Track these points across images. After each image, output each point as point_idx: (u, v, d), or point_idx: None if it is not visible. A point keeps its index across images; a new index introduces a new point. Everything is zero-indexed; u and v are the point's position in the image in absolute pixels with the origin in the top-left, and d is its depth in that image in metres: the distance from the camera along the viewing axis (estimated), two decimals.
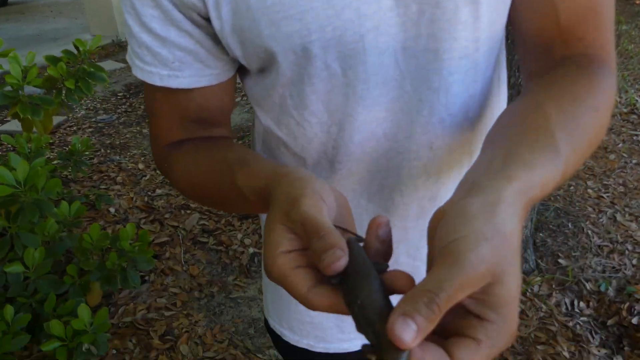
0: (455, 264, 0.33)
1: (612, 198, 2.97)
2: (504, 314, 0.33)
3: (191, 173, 0.61)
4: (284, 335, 0.86)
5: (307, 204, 0.39)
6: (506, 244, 0.34)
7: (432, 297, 0.32)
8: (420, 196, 0.65)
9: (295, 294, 0.39)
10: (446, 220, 0.37)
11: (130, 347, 1.93)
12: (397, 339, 0.31)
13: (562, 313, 2.13)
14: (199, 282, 2.26)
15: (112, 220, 2.60)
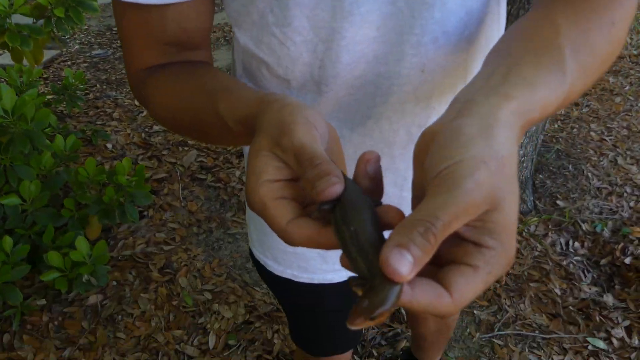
0: (451, 191, 0.31)
1: (614, 141, 2.94)
2: (503, 240, 0.32)
3: (170, 101, 0.56)
4: (268, 265, 0.86)
5: (301, 131, 0.37)
6: (504, 168, 0.32)
7: (427, 227, 0.30)
8: (409, 122, 0.63)
9: (274, 226, 0.36)
10: (438, 144, 0.34)
11: (130, 279, 1.97)
12: (392, 271, 0.29)
13: (556, 252, 2.16)
14: (197, 217, 2.28)
15: (109, 156, 2.59)
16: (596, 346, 1.78)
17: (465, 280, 0.31)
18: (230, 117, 0.46)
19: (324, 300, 0.89)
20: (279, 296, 0.99)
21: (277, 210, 0.36)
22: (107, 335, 1.77)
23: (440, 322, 1.37)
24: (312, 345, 1.07)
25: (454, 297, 0.31)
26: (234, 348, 1.76)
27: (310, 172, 0.35)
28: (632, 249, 2.11)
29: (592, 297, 1.95)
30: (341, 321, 0.99)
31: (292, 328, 1.06)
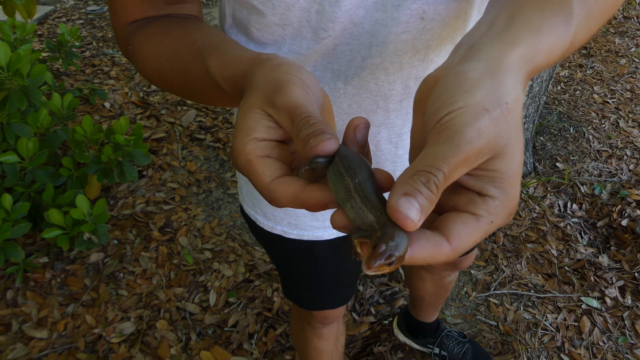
0: (453, 139, 0.30)
1: (617, 104, 2.91)
2: (506, 189, 0.31)
3: (158, 58, 0.54)
4: (258, 221, 0.86)
5: (297, 91, 0.36)
6: (508, 115, 0.31)
7: (429, 178, 0.29)
8: (406, 75, 0.61)
9: (258, 184, 0.35)
10: (440, 89, 0.33)
11: (131, 238, 1.99)
12: (403, 218, 0.29)
13: (554, 214, 2.17)
14: (196, 177, 2.28)
15: (107, 116, 2.56)
16: (590, 305, 1.82)
17: (466, 228, 0.31)
18: (221, 75, 0.44)
19: (314, 256, 0.90)
20: (270, 252, 0.99)
21: (262, 167, 0.35)
22: (110, 292, 1.80)
23: (438, 284, 1.39)
24: (303, 300, 1.09)
25: (452, 245, 0.31)
26: (234, 305, 1.79)
27: (305, 130, 0.34)
28: (630, 211, 2.13)
29: (588, 258, 1.98)
30: (332, 277, 0.99)
31: (284, 283, 1.07)
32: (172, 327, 1.72)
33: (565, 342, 1.71)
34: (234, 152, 0.36)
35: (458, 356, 1.59)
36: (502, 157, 0.31)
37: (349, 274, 1.01)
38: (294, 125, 0.34)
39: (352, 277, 1.04)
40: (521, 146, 0.32)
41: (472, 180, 0.32)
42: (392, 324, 1.73)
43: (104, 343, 1.65)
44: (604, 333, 1.74)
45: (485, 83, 0.32)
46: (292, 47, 0.58)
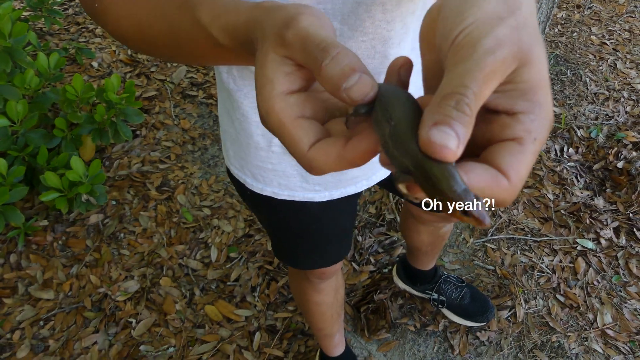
0: (473, 55, 0.27)
1: (615, 45, 2.86)
2: (539, 99, 0.28)
3: (135, 14, 0.47)
4: (247, 183, 0.83)
5: (307, 19, 0.32)
6: (525, 21, 0.29)
7: (459, 99, 0.27)
8: (404, 10, 0.58)
9: (296, 152, 0.32)
10: (446, 12, 0.30)
11: (129, 198, 1.99)
12: (440, 149, 0.26)
13: (550, 159, 2.18)
14: (191, 135, 2.26)
15: (96, 75, 2.51)
16: (585, 246, 1.85)
17: (515, 157, 0.28)
18: (216, 25, 0.39)
19: (305, 217, 0.88)
20: (260, 214, 0.96)
21: (299, 132, 0.31)
22: (112, 252, 1.82)
23: (433, 234, 1.39)
24: (296, 260, 1.08)
25: (511, 179, 0.28)
26: (236, 260, 1.82)
27: (330, 65, 0.29)
28: (626, 153, 2.13)
29: (584, 201, 2.00)
30: (324, 236, 0.98)
31: (275, 245, 1.06)
32: (175, 284, 1.75)
33: (561, 283, 1.75)
34: (262, 111, 0.32)
35: (456, 300, 1.63)
36: (529, 65, 0.28)
37: (342, 231, 1.00)
38: (312, 59, 0.30)
39: (346, 235, 1.04)
40: (544, 52, 0.30)
41: (502, 99, 0.29)
42: (392, 272, 1.76)
43: (110, 301, 1.68)
44: (599, 273, 1.78)
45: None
46: None
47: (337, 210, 0.90)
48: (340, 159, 0.31)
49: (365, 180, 0.86)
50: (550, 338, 1.62)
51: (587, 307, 1.69)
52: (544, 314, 1.68)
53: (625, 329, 1.63)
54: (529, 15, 0.29)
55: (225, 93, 0.75)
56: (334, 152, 0.31)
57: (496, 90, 0.29)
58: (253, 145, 0.76)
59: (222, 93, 0.77)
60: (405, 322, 1.67)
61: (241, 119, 0.74)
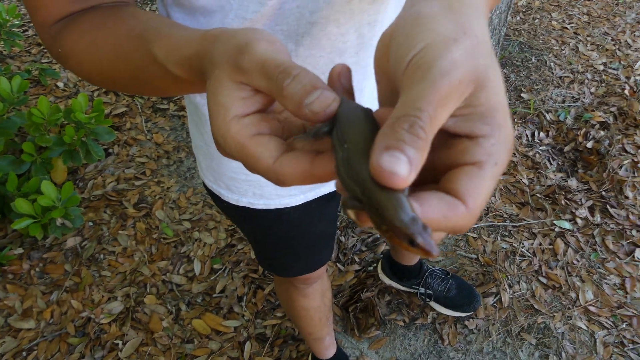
0: (427, 77, 0.26)
1: (575, 28, 2.93)
2: (498, 121, 0.28)
3: (96, 54, 0.48)
4: (222, 195, 0.83)
5: (262, 45, 0.31)
6: (479, 43, 0.28)
7: (413, 121, 0.26)
8: (358, 22, 0.58)
9: (260, 168, 0.31)
10: (399, 37, 0.29)
11: (106, 218, 1.96)
12: (388, 175, 0.25)
13: (523, 144, 2.22)
14: (165, 149, 2.23)
15: (62, 96, 2.46)
16: (562, 227, 1.89)
17: (473, 182, 0.27)
18: (170, 60, 0.40)
19: (284, 224, 0.88)
20: (239, 224, 0.96)
21: (259, 148, 0.31)
22: (92, 275, 1.79)
23: None
24: (279, 268, 1.08)
25: (468, 205, 0.27)
26: (220, 271, 1.80)
27: (291, 85, 0.30)
28: (594, 133, 2.18)
29: (558, 183, 2.04)
30: (305, 242, 0.98)
31: (258, 253, 1.06)
32: (160, 301, 1.72)
33: (542, 265, 1.79)
34: (217, 138, 0.32)
35: (443, 293, 1.65)
36: (486, 88, 0.28)
37: (323, 236, 1.00)
38: (273, 81, 0.30)
39: (328, 239, 1.04)
40: (500, 74, 0.29)
41: (460, 123, 0.28)
42: (377, 270, 1.77)
43: (94, 325, 1.65)
44: (577, 252, 1.82)
45: (444, 17, 0.29)
46: (238, 13, 0.55)
47: (317, 215, 0.90)
48: (307, 175, 0.30)
49: None
50: (536, 320, 1.65)
51: (569, 286, 1.73)
52: (529, 297, 1.71)
53: (607, 304, 1.67)
54: (482, 36, 0.29)
55: (192, 107, 0.75)
56: (301, 167, 0.30)
57: (455, 114, 0.28)
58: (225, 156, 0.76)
59: (190, 107, 0.77)
60: (394, 317, 1.68)
61: (210, 132, 0.74)
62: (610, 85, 2.48)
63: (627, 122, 2.24)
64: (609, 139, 2.14)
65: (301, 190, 0.82)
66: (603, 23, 2.96)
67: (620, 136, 2.16)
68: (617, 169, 2.03)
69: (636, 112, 2.27)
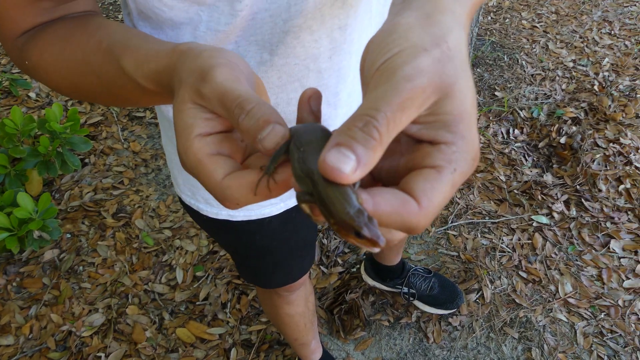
0: (391, 79, 0.27)
1: (545, 27, 3.00)
2: (461, 131, 0.28)
3: (64, 68, 0.48)
4: (201, 209, 0.81)
5: (222, 74, 0.33)
6: (451, 54, 0.29)
7: (368, 121, 0.26)
8: (329, 27, 0.58)
9: (210, 183, 0.32)
10: (375, 44, 0.30)
11: (84, 229, 1.92)
12: (331, 170, 0.26)
13: (498, 142, 2.26)
14: (143, 157, 2.21)
15: (35, 106, 2.41)
16: (540, 222, 1.93)
17: (429, 183, 0.28)
18: (140, 73, 0.40)
19: (265, 234, 0.87)
20: (219, 238, 0.95)
21: (213, 165, 0.32)
22: (72, 287, 1.75)
23: None
24: (262, 279, 1.07)
25: (421, 204, 0.27)
26: (203, 279, 1.79)
27: (246, 120, 0.31)
28: (566, 129, 2.24)
29: (534, 179, 2.08)
30: (286, 251, 0.97)
31: (239, 266, 1.05)
32: (143, 311, 1.70)
33: (522, 260, 1.82)
34: (181, 154, 0.33)
35: (426, 291, 1.67)
36: (451, 97, 0.28)
37: (304, 244, 1.00)
38: (230, 113, 0.31)
39: (309, 247, 1.03)
40: (471, 85, 0.30)
41: (424, 130, 0.29)
42: (360, 271, 1.78)
43: (75, 338, 1.62)
44: (555, 245, 1.86)
45: (419, 26, 0.30)
46: (209, 25, 0.54)
47: (297, 222, 0.90)
48: (252, 188, 0.31)
49: None
50: (518, 314, 1.67)
51: (548, 279, 1.76)
52: (510, 292, 1.74)
53: (585, 295, 1.71)
54: (456, 47, 0.30)
55: (166, 123, 0.74)
56: (247, 180, 0.31)
57: (419, 122, 0.29)
58: None
59: (164, 123, 0.76)
60: (378, 318, 1.69)
61: None
62: (580, 82, 2.54)
63: (597, 117, 2.31)
64: (581, 134, 2.20)
65: (281, 198, 0.81)
66: (571, 21, 3.04)
67: (591, 131, 2.22)
68: (590, 163, 2.09)
69: (606, 107, 2.34)
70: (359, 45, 0.64)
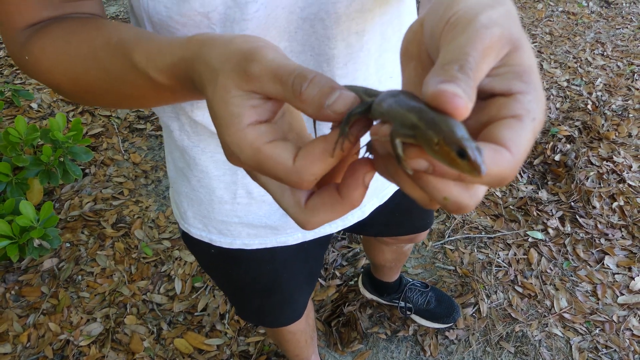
0: (469, 27, 0.27)
1: (539, 47, 3.07)
2: (533, 80, 0.28)
3: (68, 62, 0.46)
4: (213, 241, 0.79)
5: (270, 52, 0.31)
6: (512, 13, 0.30)
7: (462, 64, 0.26)
8: (345, 29, 0.57)
9: (279, 169, 0.30)
10: (435, 11, 0.31)
11: (84, 239, 1.93)
12: (451, 97, 0.25)
13: None
14: (143, 169, 2.22)
15: (36, 117, 2.43)
16: (535, 238, 1.95)
17: (515, 132, 0.27)
18: (152, 66, 0.38)
19: (276, 265, 0.85)
20: (225, 273, 0.90)
21: (276, 151, 0.31)
22: (70, 297, 1.75)
23: (396, 252, 1.42)
24: (267, 319, 1.04)
25: (513, 152, 0.27)
26: (201, 289, 1.79)
27: (310, 89, 0.30)
28: (561, 147, 2.28)
29: (529, 195, 2.11)
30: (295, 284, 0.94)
31: (240, 306, 1.01)
32: (141, 321, 1.70)
33: (518, 275, 1.84)
34: (233, 147, 0.31)
35: (423, 305, 1.68)
36: (521, 50, 0.29)
37: (312, 276, 0.98)
38: (288, 86, 0.30)
39: (315, 278, 1.02)
40: (530, 45, 0.30)
41: (497, 81, 0.29)
42: (358, 284, 1.79)
43: (73, 347, 1.62)
44: (550, 261, 1.88)
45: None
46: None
47: (309, 253, 0.89)
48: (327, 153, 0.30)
49: (341, 221, 0.82)
50: (514, 328, 1.69)
51: (543, 294, 1.78)
52: (506, 306, 1.75)
53: (580, 310, 1.73)
54: (514, 10, 0.30)
55: (177, 153, 0.72)
56: (320, 148, 0.30)
57: (491, 74, 0.29)
58: (216, 200, 0.73)
59: (175, 153, 0.73)
60: (376, 330, 1.70)
61: (200, 176, 0.71)
62: (574, 101, 2.60)
63: (591, 135, 2.35)
64: (575, 152, 2.24)
65: (299, 228, 0.78)
66: (565, 42, 3.11)
67: (585, 149, 2.26)
68: (584, 181, 2.12)
69: (599, 126, 2.38)
70: (378, 60, 0.63)
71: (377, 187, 0.84)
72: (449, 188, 0.27)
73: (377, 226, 1.02)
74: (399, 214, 0.99)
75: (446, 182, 0.27)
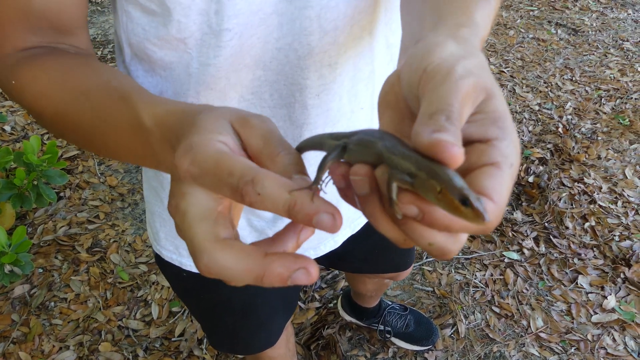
0: (448, 78, 0.29)
1: (511, 72, 3.16)
2: (507, 126, 0.30)
3: (56, 93, 0.46)
4: (183, 265, 0.77)
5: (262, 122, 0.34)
6: (484, 65, 0.32)
7: (448, 114, 0.27)
8: (318, 60, 0.58)
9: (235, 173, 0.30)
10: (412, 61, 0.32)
11: (57, 264, 1.89)
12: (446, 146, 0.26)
13: None
14: (119, 192, 2.20)
15: (9, 139, 2.39)
16: (511, 258, 1.99)
17: (495, 180, 0.28)
18: (149, 111, 0.39)
19: (252, 288, 0.83)
20: (199, 298, 0.88)
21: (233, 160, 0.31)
22: (42, 324, 1.71)
23: (378, 283, 1.43)
24: (240, 345, 1.03)
25: (495, 200, 0.27)
26: (179, 314, 1.76)
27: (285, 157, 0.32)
28: (534, 169, 2.34)
29: (504, 216, 2.15)
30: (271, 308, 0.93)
31: (213, 334, 0.99)
32: (116, 348, 1.66)
33: (495, 295, 1.86)
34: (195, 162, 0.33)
35: (402, 329, 1.68)
36: (494, 97, 0.31)
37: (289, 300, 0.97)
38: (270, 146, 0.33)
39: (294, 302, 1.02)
40: (501, 92, 0.32)
41: (475, 127, 0.30)
42: (337, 306, 1.79)
43: None
44: (526, 281, 1.91)
45: (452, 43, 0.33)
46: (200, 60, 0.55)
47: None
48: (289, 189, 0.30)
49: (314, 250, 0.83)
50: (492, 349, 1.70)
51: (520, 314, 1.80)
52: (484, 327, 1.77)
53: (556, 330, 1.76)
54: (484, 60, 0.33)
55: (151, 172, 0.73)
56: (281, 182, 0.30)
57: (468, 121, 0.30)
58: None
59: (148, 172, 0.74)
60: (355, 353, 1.69)
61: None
62: (545, 124, 2.67)
63: (562, 157, 2.42)
64: (548, 173, 2.30)
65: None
66: (535, 67, 3.21)
67: (557, 171, 2.32)
68: (557, 202, 2.18)
69: (570, 149, 2.45)
70: (350, 91, 0.65)
71: (349, 217, 0.85)
72: (434, 235, 0.28)
73: (356, 262, 1.02)
74: (377, 251, 1.00)
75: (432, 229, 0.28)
